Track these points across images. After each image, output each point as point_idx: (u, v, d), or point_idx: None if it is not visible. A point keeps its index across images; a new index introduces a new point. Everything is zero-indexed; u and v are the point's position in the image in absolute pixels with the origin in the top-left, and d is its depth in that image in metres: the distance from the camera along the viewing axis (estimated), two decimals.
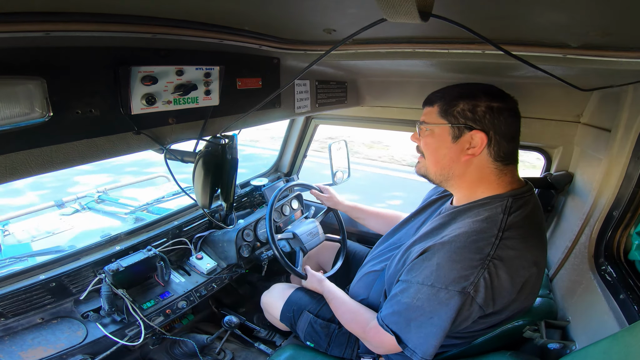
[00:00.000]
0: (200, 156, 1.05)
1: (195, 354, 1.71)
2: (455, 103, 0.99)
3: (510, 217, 0.94)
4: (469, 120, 0.97)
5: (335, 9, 0.74)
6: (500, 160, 0.99)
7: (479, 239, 0.91)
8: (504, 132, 0.97)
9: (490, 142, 0.96)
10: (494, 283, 0.88)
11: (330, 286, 1.46)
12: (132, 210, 2.53)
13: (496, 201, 0.98)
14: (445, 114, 1.00)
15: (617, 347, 0.74)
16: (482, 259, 0.88)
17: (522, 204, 0.97)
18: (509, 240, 0.90)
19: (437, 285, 0.91)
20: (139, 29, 0.76)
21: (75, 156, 0.78)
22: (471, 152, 0.98)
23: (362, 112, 2.17)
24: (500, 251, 0.89)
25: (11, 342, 1.28)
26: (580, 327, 1.09)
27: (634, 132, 1.07)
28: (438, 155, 1.04)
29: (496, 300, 0.91)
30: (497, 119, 0.96)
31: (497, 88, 1.01)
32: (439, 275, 0.91)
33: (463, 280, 0.88)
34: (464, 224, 0.97)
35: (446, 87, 1.05)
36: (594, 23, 0.65)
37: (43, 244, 2.16)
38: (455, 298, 0.89)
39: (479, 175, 1.01)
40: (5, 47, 0.63)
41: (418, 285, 0.95)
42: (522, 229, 0.93)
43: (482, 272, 0.87)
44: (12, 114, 0.63)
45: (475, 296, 0.89)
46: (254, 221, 2.04)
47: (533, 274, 0.95)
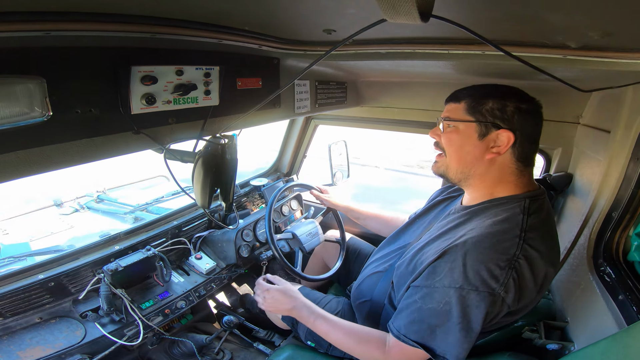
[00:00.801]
0: (200, 156, 1.05)
1: (194, 354, 1.71)
2: (484, 101, 0.98)
3: (530, 218, 0.94)
4: (497, 118, 0.97)
5: (335, 10, 0.74)
6: (522, 161, 0.99)
7: (504, 239, 0.91)
8: (529, 133, 0.98)
9: (515, 142, 0.97)
10: (521, 283, 0.89)
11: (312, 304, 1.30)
12: (131, 210, 2.53)
13: (514, 201, 0.98)
14: (473, 111, 1.00)
15: (616, 348, 0.74)
16: (509, 259, 0.88)
17: (539, 207, 0.98)
18: (532, 241, 0.91)
19: (467, 287, 0.89)
20: (139, 29, 0.76)
21: (75, 156, 0.78)
22: (496, 150, 0.98)
23: (362, 113, 2.17)
24: (524, 251, 0.89)
25: (9, 341, 1.27)
26: (579, 327, 1.09)
27: (633, 133, 1.07)
28: (462, 152, 1.03)
29: (521, 299, 0.91)
30: (525, 119, 0.96)
31: (524, 91, 1.01)
32: (467, 277, 0.89)
33: (493, 281, 0.87)
34: (485, 224, 0.95)
35: (473, 86, 1.04)
36: (593, 24, 0.65)
37: (42, 244, 2.16)
38: (486, 300, 0.88)
39: (499, 175, 1.01)
40: (5, 46, 0.63)
41: (444, 288, 0.92)
42: (541, 230, 0.94)
43: (510, 272, 0.87)
44: (11, 113, 0.63)
45: (506, 297, 0.88)
46: (254, 221, 2.04)
47: (550, 274, 0.95)
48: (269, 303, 1.37)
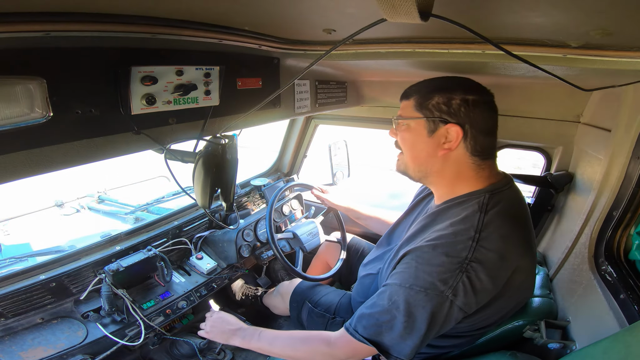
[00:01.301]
0: (200, 156, 1.05)
1: (195, 354, 1.71)
2: (430, 96, 0.97)
3: (487, 215, 0.92)
4: (444, 113, 0.95)
5: (335, 9, 0.74)
6: (478, 154, 0.97)
7: (456, 242, 0.90)
8: (480, 125, 0.95)
9: (466, 135, 0.95)
10: (474, 286, 0.87)
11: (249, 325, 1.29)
12: (132, 210, 2.53)
13: (473, 198, 0.97)
14: (420, 108, 0.99)
15: (617, 347, 0.74)
16: (460, 262, 0.87)
17: (500, 199, 0.96)
18: (486, 241, 0.89)
19: (416, 287, 0.90)
20: (139, 29, 0.76)
21: (75, 156, 0.78)
22: (447, 146, 0.96)
23: (362, 112, 2.17)
24: (477, 253, 0.87)
25: (11, 342, 1.28)
26: (580, 327, 1.09)
27: (634, 132, 1.06)
28: (415, 150, 1.03)
29: (478, 300, 0.90)
30: (473, 112, 0.94)
31: (474, 81, 0.99)
32: (418, 277, 0.90)
33: (442, 283, 0.87)
34: (443, 226, 0.95)
35: (423, 81, 1.03)
36: (594, 23, 0.65)
37: (43, 244, 2.16)
38: (433, 301, 0.88)
39: (456, 171, 1.00)
40: (6, 47, 0.63)
41: (396, 287, 0.93)
42: (500, 227, 0.92)
43: (460, 276, 0.86)
44: (12, 114, 0.63)
45: (455, 300, 0.87)
46: (254, 221, 2.04)
47: (519, 269, 0.93)
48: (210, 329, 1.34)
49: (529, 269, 0.98)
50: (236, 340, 1.25)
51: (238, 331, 1.26)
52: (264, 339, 1.19)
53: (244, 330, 1.26)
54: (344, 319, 1.43)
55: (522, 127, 1.72)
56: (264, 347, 1.18)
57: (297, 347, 1.12)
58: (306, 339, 1.12)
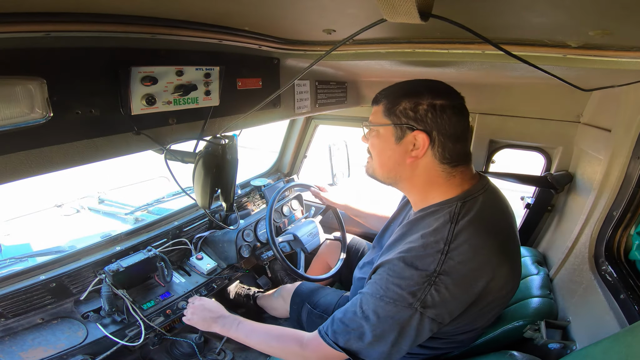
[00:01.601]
0: (200, 156, 1.05)
1: (195, 354, 1.71)
2: (398, 101, 0.94)
3: (458, 225, 0.90)
4: (411, 119, 0.92)
5: (335, 9, 0.74)
6: (447, 162, 0.94)
7: (425, 255, 0.88)
8: (448, 131, 0.91)
9: (433, 143, 0.92)
10: (443, 298, 0.86)
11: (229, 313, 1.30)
12: (132, 210, 2.53)
13: (445, 208, 0.94)
14: (388, 114, 0.95)
15: (618, 347, 0.74)
16: (429, 275, 0.85)
17: (472, 206, 0.93)
18: (456, 252, 0.87)
19: (386, 299, 0.89)
20: (139, 30, 0.76)
21: (75, 156, 0.78)
22: (414, 154, 0.93)
23: (362, 113, 2.17)
24: (446, 266, 0.86)
25: (11, 342, 1.28)
26: (580, 327, 1.09)
27: (634, 132, 1.06)
28: (383, 157, 1.00)
29: (449, 311, 0.89)
30: (440, 117, 0.90)
31: (444, 84, 0.96)
32: (388, 289, 0.89)
33: (410, 296, 0.86)
34: (414, 237, 0.93)
35: (393, 85, 1.00)
36: (593, 23, 0.65)
37: (43, 244, 2.16)
38: (402, 313, 0.87)
39: (427, 179, 0.97)
40: (6, 47, 0.63)
41: (368, 296, 0.93)
42: (471, 235, 0.89)
43: (428, 289, 0.85)
44: (12, 114, 0.63)
45: (425, 312, 0.86)
46: (254, 222, 2.04)
47: (494, 278, 0.90)
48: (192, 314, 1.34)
49: (508, 274, 0.95)
50: (216, 328, 1.26)
51: (218, 319, 1.27)
52: (241, 330, 1.20)
53: (224, 319, 1.26)
54: None
55: (521, 128, 1.72)
56: (240, 337, 1.19)
57: (271, 344, 1.13)
58: (280, 337, 1.12)
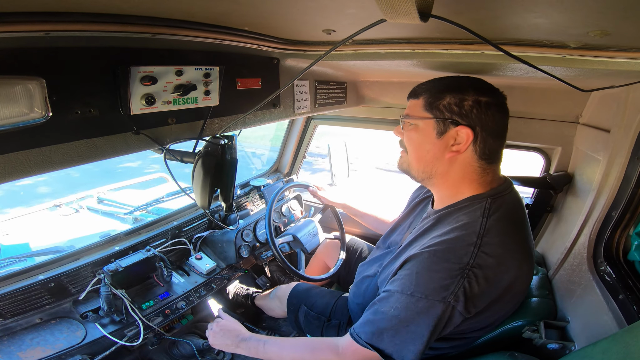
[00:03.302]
0: (200, 156, 1.05)
1: (194, 355, 1.71)
2: (441, 96, 0.94)
3: (490, 220, 0.91)
4: (455, 114, 0.92)
5: (335, 10, 0.74)
6: (485, 158, 0.95)
7: (457, 248, 0.88)
8: (491, 128, 0.92)
9: (476, 138, 0.92)
10: (474, 291, 0.86)
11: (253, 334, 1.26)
12: (131, 210, 2.53)
13: (475, 203, 0.95)
14: (430, 108, 0.95)
15: (616, 348, 0.74)
16: (462, 268, 0.86)
17: (501, 204, 0.95)
18: (488, 247, 0.88)
19: (417, 294, 0.89)
20: (139, 29, 0.76)
21: (75, 156, 0.78)
22: (456, 148, 0.94)
23: (361, 113, 2.17)
24: (479, 259, 0.86)
25: (10, 342, 1.27)
26: (579, 327, 1.09)
27: (633, 133, 1.06)
28: (421, 151, 0.99)
29: (477, 304, 0.90)
30: (485, 114, 0.91)
31: (486, 82, 0.96)
32: (419, 284, 0.89)
33: (443, 290, 0.86)
34: (444, 231, 0.94)
35: (433, 79, 1.00)
36: (593, 23, 0.65)
37: (42, 244, 2.16)
38: (435, 307, 0.87)
39: (462, 174, 0.97)
40: (5, 47, 0.63)
41: (397, 294, 0.92)
42: (501, 233, 0.91)
43: (462, 282, 0.86)
44: (11, 113, 0.63)
45: (456, 305, 0.87)
46: (254, 222, 2.04)
47: (518, 276, 0.93)
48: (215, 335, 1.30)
49: (528, 273, 0.98)
50: (241, 351, 1.22)
51: (241, 343, 1.23)
52: (269, 350, 1.16)
53: (246, 342, 1.23)
54: (340, 321, 1.43)
55: (521, 128, 1.72)
56: (271, 357, 1.15)
57: (306, 357, 1.10)
58: (314, 349, 1.09)
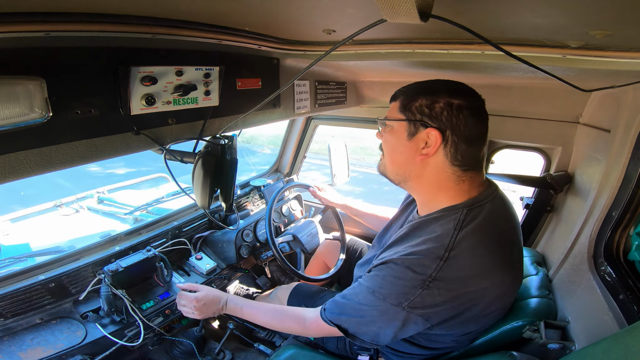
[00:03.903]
0: (200, 156, 1.05)
1: (194, 354, 1.71)
2: (414, 98, 0.93)
3: (462, 232, 0.89)
4: (425, 116, 0.90)
5: (335, 10, 0.74)
6: (458, 164, 0.92)
7: (425, 259, 0.89)
8: (462, 132, 0.89)
9: (446, 142, 0.90)
10: (432, 301, 0.88)
11: (232, 295, 1.39)
12: (132, 210, 2.53)
13: (450, 214, 0.93)
14: (404, 110, 0.95)
15: (617, 348, 0.74)
16: (423, 280, 0.87)
17: (478, 213, 0.92)
18: (455, 259, 0.87)
19: (378, 295, 0.94)
20: (139, 30, 0.76)
21: (75, 156, 0.78)
22: (425, 151, 0.92)
23: (361, 113, 2.17)
24: (442, 272, 0.86)
25: (10, 342, 1.28)
26: (579, 327, 1.09)
27: (633, 133, 1.06)
28: (395, 153, 0.99)
29: (439, 314, 0.91)
30: (456, 117, 0.88)
31: (465, 85, 0.94)
32: (382, 287, 0.94)
33: (401, 296, 0.90)
34: (418, 242, 0.93)
35: (413, 83, 0.99)
36: (593, 23, 0.65)
37: (42, 244, 2.16)
38: (391, 310, 0.92)
39: (436, 180, 0.96)
40: (5, 47, 0.63)
41: (365, 287, 0.98)
42: (473, 244, 0.89)
43: (419, 292, 0.88)
44: (11, 114, 0.63)
45: (412, 311, 0.90)
46: (254, 222, 2.04)
47: (493, 285, 0.92)
48: (201, 310, 1.36)
49: (509, 283, 0.98)
50: (227, 312, 1.36)
51: (223, 308, 1.36)
52: (246, 313, 1.30)
53: (227, 305, 1.35)
54: None
55: (521, 128, 1.72)
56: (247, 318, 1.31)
57: (276, 324, 1.26)
58: (283, 317, 1.23)
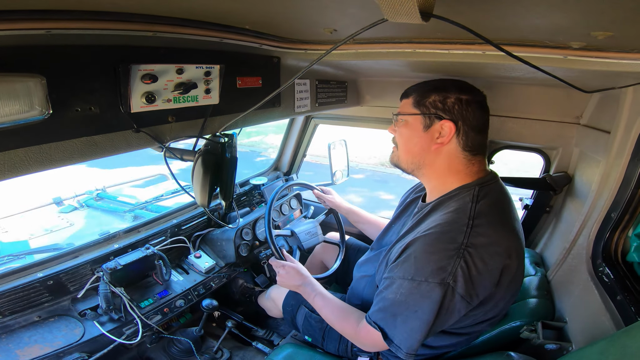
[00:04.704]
0: (200, 155, 1.05)
1: (192, 353, 1.71)
2: (427, 95, 1.05)
3: (479, 204, 0.98)
4: (439, 110, 1.03)
5: (336, 9, 0.74)
6: (469, 150, 1.04)
7: (451, 229, 0.94)
8: (472, 123, 1.02)
9: (458, 131, 1.02)
10: (471, 271, 0.90)
11: (315, 282, 1.40)
12: (131, 208, 2.53)
13: (464, 191, 1.03)
14: (418, 105, 1.06)
15: (614, 349, 0.74)
16: (457, 248, 0.91)
17: (488, 192, 1.02)
18: (480, 228, 0.94)
19: (417, 278, 0.94)
20: (140, 27, 0.76)
21: (75, 154, 0.78)
22: (440, 140, 1.03)
23: (362, 112, 2.16)
24: (473, 239, 0.92)
25: (8, 340, 1.27)
26: (577, 328, 1.09)
27: (633, 134, 1.07)
28: (410, 143, 1.10)
29: (477, 289, 0.93)
30: (466, 110, 1.01)
31: (468, 83, 1.07)
32: (417, 268, 0.94)
33: (441, 271, 0.91)
34: (437, 217, 1.01)
35: (421, 82, 1.11)
36: (594, 24, 0.65)
37: (41, 242, 2.16)
38: (436, 290, 0.91)
39: (448, 164, 1.06)
40: (6, 44, 0.63)
41: (400, 280, 0.98)
42: (490, 216, 0.97)
43: (458, 262, 0.90)
44: (11, 111, 0.63)
45: (455, 286, 0.91)
46: (253, 220, 2.04)
47: (509, 264, 0.96)
48: (283, 277, 1.43)
49: (519, 259, 1.02)
50: (301, 292, 1.39)
51: (300, 287, 1.38)
52: (316, 303, 1.32)
53: (304, 287, 1.38)
54: None
55: (521, 128, 1.72)
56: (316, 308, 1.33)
57: (334, 322, 1.25)
58: (342, 318, 1.22)
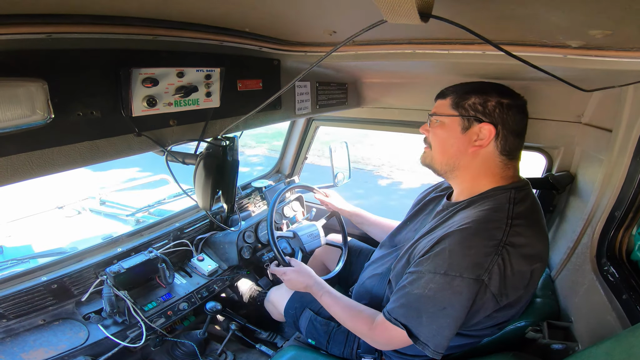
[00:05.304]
0: (202, 158, 1.05)
1: (196, 355, 1.71)
2: (467, 96, 1.03)
3: (516, 206, 0.96)
4: (479, 113, 1.01)
5: (336, 11, 0.74)
6: (506, 154, 1.02)
7: (490, 226, 0.92)
8: (511, 127, 1.00)
9: (497, 135, 1.00)
10: (506, 271, 0.88)
11: (321, 281, 1.40)
12: (134, 212, 2.54)
13: (499, 192, 1.01)
14: (456, 106, 1.04)
15: (620, 348, 0.73)
16: (496, 245, 0.88)
17: (524, 196, 1.01)
18: (519, 228, 0.92)
19: (451, 273, 0.90)
20: (140, 31, 0.76)
21: (77, 158, 0.78)
22: (478, 143, 1.01)
23: (362, 114, 2.17)
24: (512, 238, 0.90)
25: (13, 343, 1.28)
26: (583, 327, 1.08)
27: (635, 132, 1.06)
28: (446, 145, 1.07)
29: (509, 289, 0.91)
30: (506, 114, 0.99)
31: (507, 87, 1.05)
32: (452, 263, 0.90)
33: (478, 267, 0.88)
34: (472, 213, 0.98)
35: (460, 83, 1.08)
36: (594, 23, 0.65)
37: (45, 246, 2.17)
38: (470, 286, 0.88)
39: (484, 167, 1.04)
40: (7, 48, 0.64)
41: (430, 274, 0.93)
42: (528, 219, 0.95)
43: (495, 259, 0.88)
44: (13, 116, 0.63)
45: (489, 284, 0.88)
46: (255, 223, 2.04)
47: (538, 268, 0.96)
48: (290, 280, 1.45)
49: (546, 261, 1.01)
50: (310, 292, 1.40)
51: (307, 287, 1.40)
52: (324, 301, 1.32)
53: (311, 287, 1.38)
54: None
55: None
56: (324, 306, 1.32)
57: (346, 321, 1.22)
58: (354, 317, 1.19)
